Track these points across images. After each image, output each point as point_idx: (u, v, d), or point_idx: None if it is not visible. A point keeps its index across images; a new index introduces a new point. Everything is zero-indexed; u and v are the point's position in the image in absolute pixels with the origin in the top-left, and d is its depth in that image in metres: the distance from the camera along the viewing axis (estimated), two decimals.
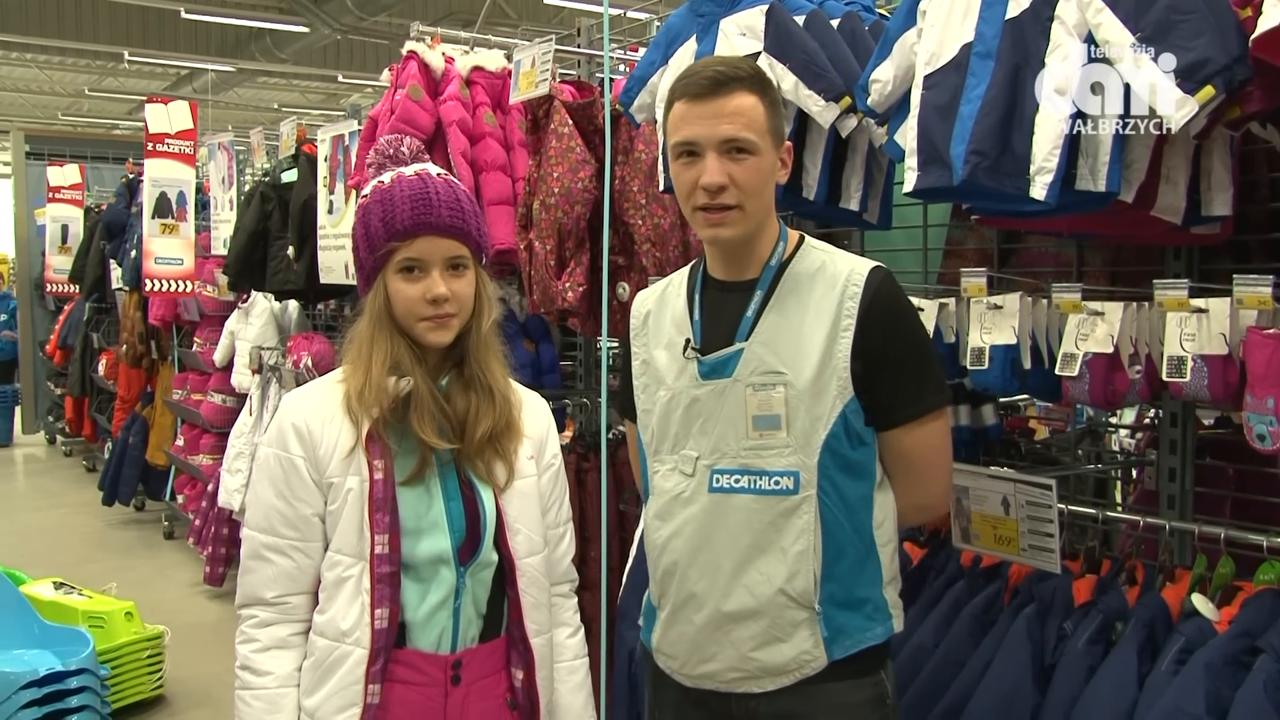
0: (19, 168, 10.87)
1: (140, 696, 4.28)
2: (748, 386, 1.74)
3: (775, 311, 1.76)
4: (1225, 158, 1.91)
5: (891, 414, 1.75)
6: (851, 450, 1.73)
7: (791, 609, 1.72)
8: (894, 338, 1.73)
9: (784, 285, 1.77)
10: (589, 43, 3.63)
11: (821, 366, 1.71)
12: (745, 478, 1.74)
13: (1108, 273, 2.43)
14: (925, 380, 1.76)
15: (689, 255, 3.20)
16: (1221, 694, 1.70)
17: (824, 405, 1.71)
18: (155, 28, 13.52)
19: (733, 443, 1.75)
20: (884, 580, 1.78)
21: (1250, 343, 1.79)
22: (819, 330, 1.73)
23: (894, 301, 1.76)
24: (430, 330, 1.70)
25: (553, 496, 1.89)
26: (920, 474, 1.80)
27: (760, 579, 1.73)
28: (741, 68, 1.72)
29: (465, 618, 1.73)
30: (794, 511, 1.72)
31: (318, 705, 1.67)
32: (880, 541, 1.78)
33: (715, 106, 1.69)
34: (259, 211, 4.95)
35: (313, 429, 1.70)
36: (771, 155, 1.73)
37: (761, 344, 1.75)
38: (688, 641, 1.80)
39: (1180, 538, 2.13)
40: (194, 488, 6.67)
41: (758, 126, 1.70)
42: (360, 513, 1.67)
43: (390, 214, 1.67)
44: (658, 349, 1.88)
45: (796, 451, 1.72)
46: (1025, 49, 1.83)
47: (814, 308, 1.74)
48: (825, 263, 1.78)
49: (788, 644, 1.73)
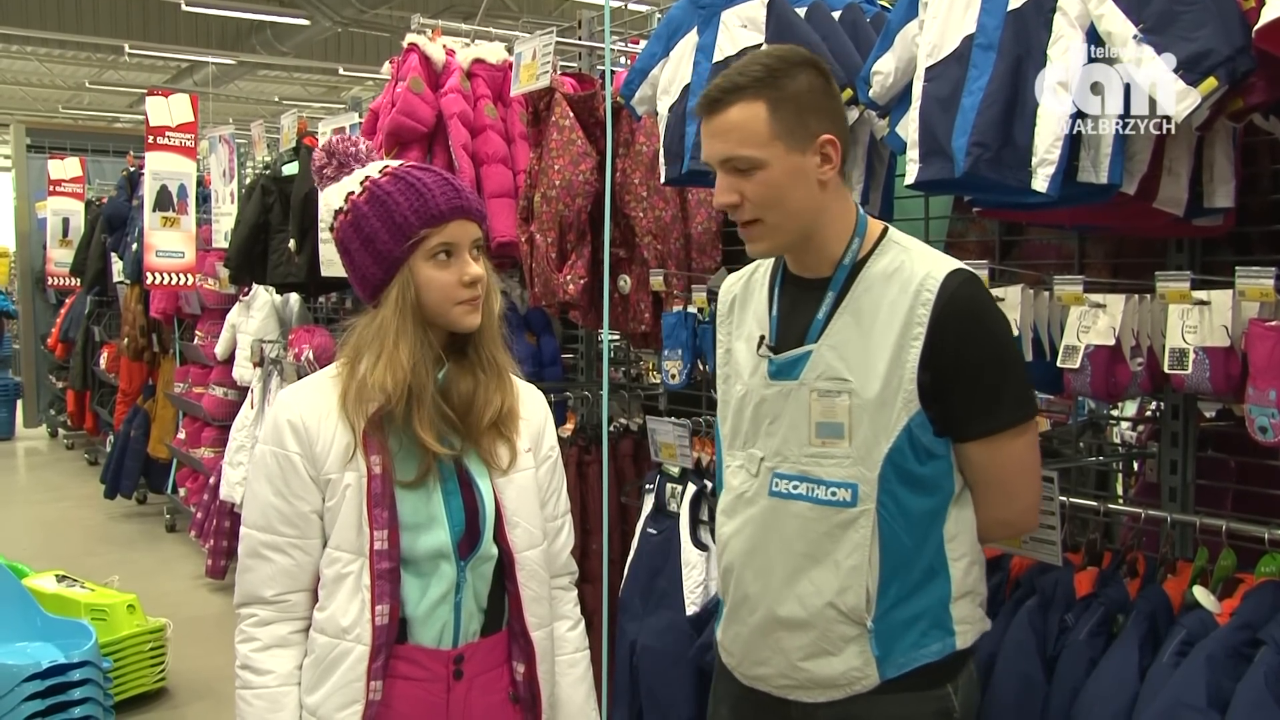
0: (20, 161, 10.87)
1: (143, 689, 4.29)
2: (813, 391, 1.69)
3: (847, 314, 1.68)
4: (1227, 150, 1.90)
5: (965, 428, 1.66)
6: (918, 464, 1.65)
7: (841, 624, 1.67)
8: (968, 347, 1.63)
9: (858, 286, 1.69)
10: (590, 35, 3.62)
11: (888, 377, 1.63)
12: (804, 485, 1.69)
13: (1109, 265, 2.43)
14: (1002, 393, 1.66)
15: (690, 248, 3.20)
16: (1222, 686, 1.70)
17: (888, 418, 1.63)
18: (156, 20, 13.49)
19: (795, 448, 1.70)
20: (953, 596, 1.70)
21: (1252, 335, 1.78)
22: (888, 337, 1.64)
23: (972, 308, 1.64)
24: (467, 314, 1.69)
25: (550, 488, 1.89)
26: (1000, 490, 1.70)
27: (811, 590, 1.68)
28: (744, 74, 1.63)
29: (466, 612, 1.72)
30: (850, 524, 1.65)
31: (319, 703, 1.66)
32: (952, 556, 1.69)
33: (713, 126, 1.66)
34: (260, 205, 4.95)
35: (309, 425, 1.69)
36: (787, 160, 1.63)
37: (830, 348, 1.68)
38: (743, 642, 1.78)
39: (1181, 530, 2.13)
40: (196, 481, 6.68)
41: (757, 138, 1.62)
42: (359, 509, 1.66)
43: (422, 201, 1.65)
44: (739, 340, 1.83)
45: (857, 463, 1.65)
46: (1027, 41, 1.83)
47: (886, 312, 1.65)
48: (903, 263, 1.68)
49: (837, 658, 1.68)
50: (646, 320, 3.19)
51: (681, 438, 2.85)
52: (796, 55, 1.68)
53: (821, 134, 1.65)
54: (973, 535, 1.73)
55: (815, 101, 1.65)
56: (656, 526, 2.88)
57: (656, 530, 2.87)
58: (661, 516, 2.88)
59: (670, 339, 2.92)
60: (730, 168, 1.65)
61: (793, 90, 1.63)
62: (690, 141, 2.44)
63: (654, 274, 3.09)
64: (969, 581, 1.72)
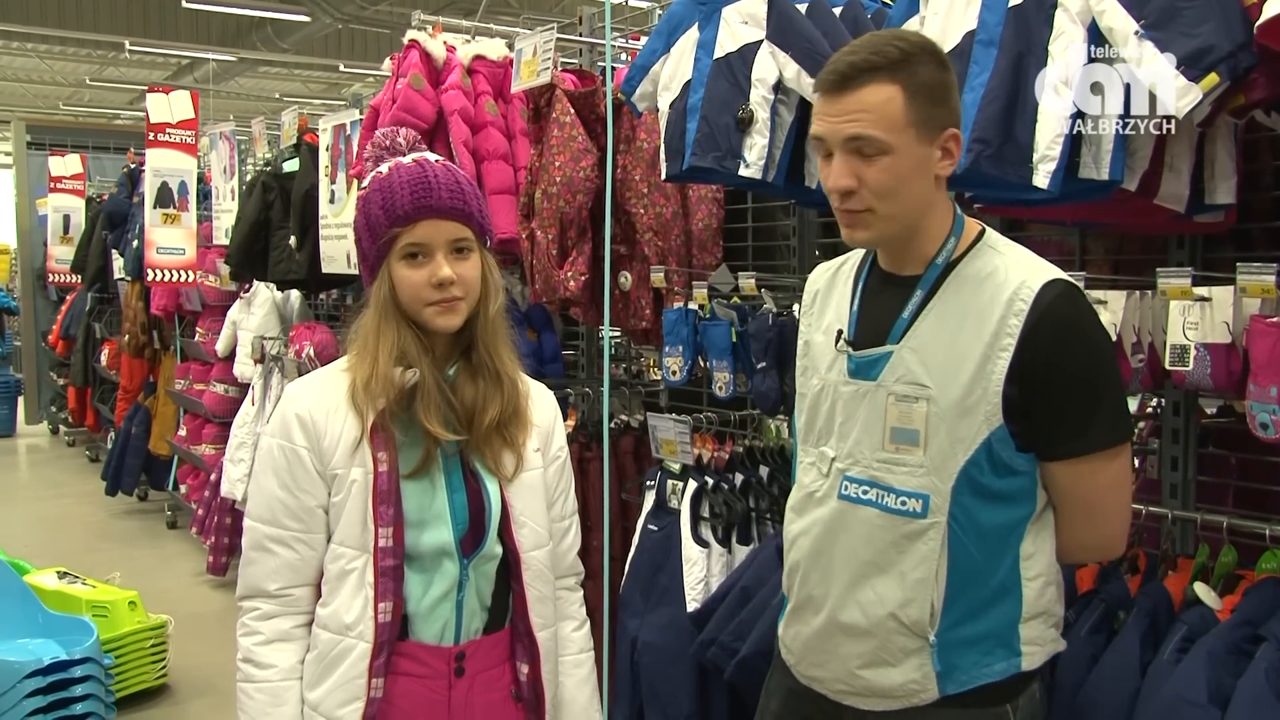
0: (20, 158, 10.87)
1: (144, 686, 4.30)
2: (890, 395, 1.62)
3: (933, 316, 1.61)
4: (1229, 146, 1.90)
5: (1052, 447, 1.58)
6: (996, 479, 1.58)
7: (902, 636, 1.61)
8: (1061, 362, 1.54)
9: (948, 287, 1.62)
10: (591, 31, 3.62)
11: (971, 386, 1.56)
12: (874, 491, 1.63)
13: (1111, 261, 2.43)
14: (1095, 413, 1.57)
15: (691, 244, 3.20)
16: (1223, 682, 1.70)
17: (968, 429, 1.56)
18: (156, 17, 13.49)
19: (867, 451, 1.64)
20: (1023, 616, 1.62)
21: (1253, 331, 1.78)
22: (976, 345, 1.56)
23: (1069, 321, 1.55)
24: (438, 315, 1.68)
25: (558, 489, 1.88)
26: (1085, 513, 1.62)
27: (874, 599, 1.63)
28: (880, 54, 1.54)
29: (469, 610, 1.72)
30: (919, 536, 1.59)
31: (321, 699, 1.66)
32: (1026, 575, 1.61)
33: (843, 103, 1.55)
34: (261, 201, 4.95)
35: (317, 419, 1.69)
36: (915, 150, 1.55)
37: (912, 350, 1.61)
38: (803, 642, 1.74)
39: (1183, 526, 2.13)
40: (197, 477, 6.68)
41: (891, 122, 1.53)
42: (364, 505, 1.66)
43: (390, 200, 1.66)
44: (818, 333, 1.77)
45: (930, 473, 1.58)
46: (1029, 37, 1.82)
47: (975, 318, 1.57)
48: (999, 267, 1.60)
49: (896, 670, 1.63)
50: (647, 317, 3.19)
51: (682, 434, 2.85)
52: (926, 43, 1.61)
53: (948, 127, 1.58)
54: (1051, 555, 1.65)
55: (944, 93, 1.58)
56: (657, 523, 2.88)
57: (657, 527, 2.87)
58: (662, 513, 2.88)
59: (671, 336, 2.92)
60: (854, 149, 1.55)
61: (925, 78, 1.55)
62: (691, 138, 2.44)
63: (655, 270, 3.09)
64: (1043, 602, 1.64)
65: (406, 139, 1.74)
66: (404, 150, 1.73)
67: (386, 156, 1.73)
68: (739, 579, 2.57)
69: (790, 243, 3.17)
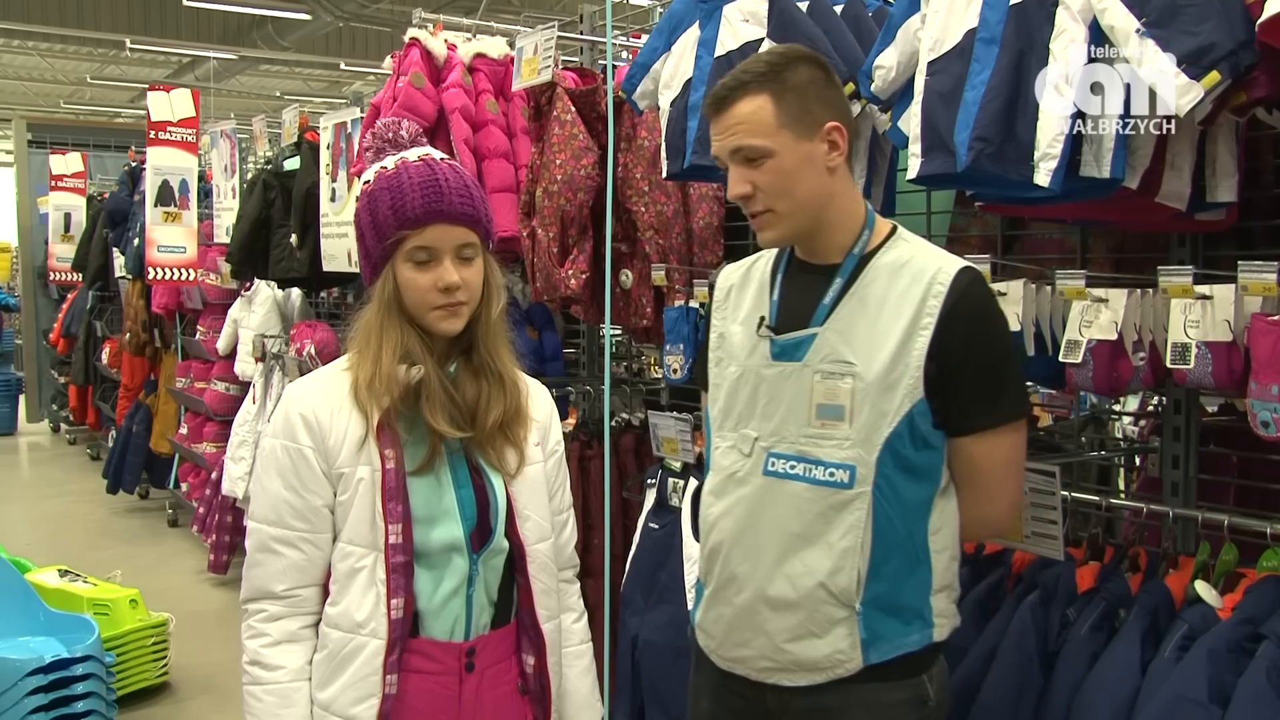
0: (21, 156, 10.88)
1: (145, 684, 4.30)
2: (816, 373, 1.71)
3: (855, 300, 1.72)
4: (1230, 144, 1.90)
5: (963, 421, 1.70)
6: (914, 452, 1.68)
7: (830, 605, 1.69)
8: (975, 343, 1.67)
9: (866, 275, 1.73)
10: (592, 29, 3.62)
11: (894, 362, 1.67)
12: (801, 465, 1.71)
13: (1112, 259, 2.42)
14: (1002, 390, 1.70)
15: (692, 242, 3.20)
16: (1224, 681, 1.70)
17: (891, 402, 1.66)
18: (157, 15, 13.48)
19: (793, 428, 1.72)
20: (933, 588, 1.73)
21: (1255, 329, 1.78)
22: (896, 325, 1.68)
23: (980, 305, 1.70)
24: (442, 319, 1.68)
25: (557, 483, 1.89)
26: (987, 486, 1.74)
27: (803, 570, 1.70)
28: (747, 71, 1.71)
29: (478, 605, 1.72)
30: (846, 506, 1.68)
31: (333, 698, 1.65)
32: (935, 548, 1.72)
33: (721, 122, 1.71)
34: (261, 199, 4.95)
35: (321, 419, 1.68)
36: (796, 148, 1.68)
37: (835, 331, 1.72)
38: (725, 623, 1.79)
39: (1183, 525, 2.13)
40: (198, 475, 6.69)
41: (764, 127, 1.68)
42: (372, 503, 1.66)
43: (400, 202, 1.64)
44: (735, 324, 1.86)
45: (856, 445, 1.67)
46: (1030, 35, 1.82)
47: (894, 302, 1.69)
48: (913, 257, 1.73)
49: (823, 640, 1.70)
50: (648, 315, 3.19)
51: (683, 432, 2.85)
52: (795, 51, 1.76)
53: (827, 121, 1.71)
54: (955, 530, 1.76)
55: (818, 91, 1.71)
56: (658, 521, 2.88)
57: (658, 525, 2.87)
58: (663, 511, 2.88)
59: (672, 334, 2.92)
60: (741, 159, 1.70)
61: (794, 81, 1.69)
62: (692, 136, 2.44)
63: (656, 269, 3.09)
64: (949, 575, 1.76)
65: (409, 131, 1.74)
66: (406, 143, 1.72)
67: (389, 150, 1.72)
68: None
69: None
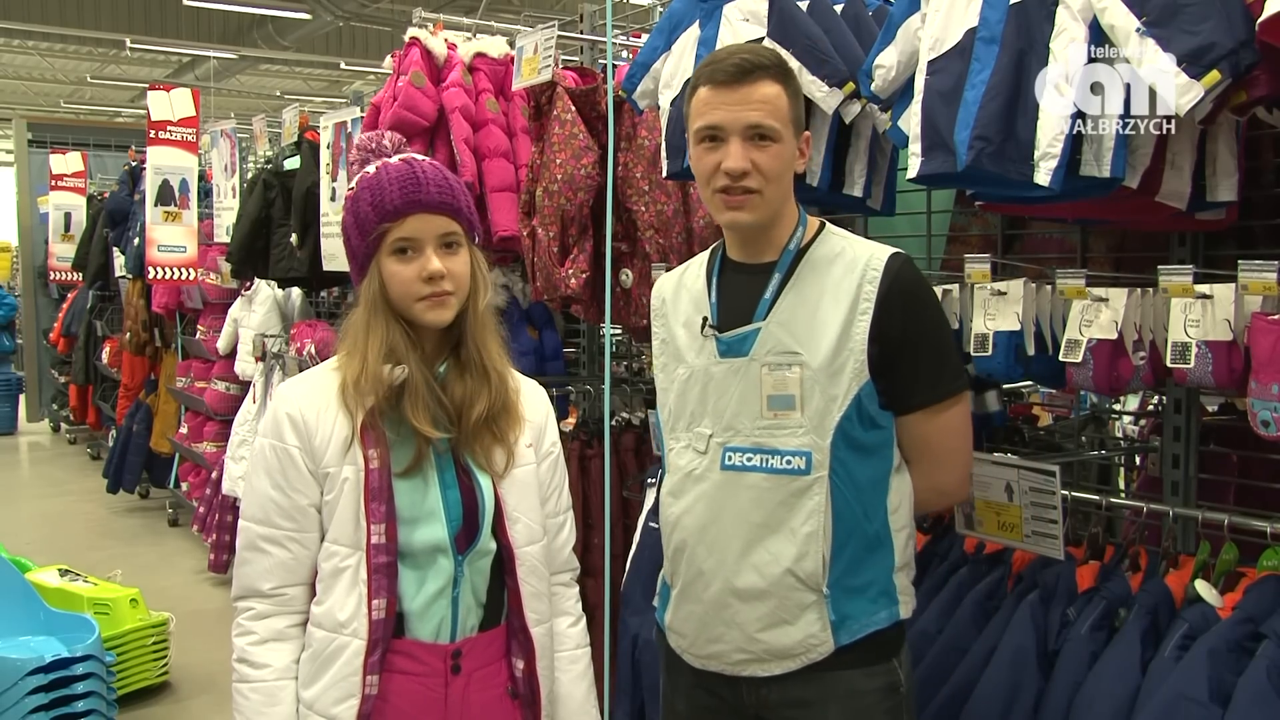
0: (21, 155, 10.89)
1: (146, 683, 4.31)
2: (764, 366, 1.76)
3: (793, 293, 1.78)
4: (1231, 143, 1.90)
5: (909, 399, 1.77)
6: (864, 432, 1.74)
7: (799, 591, 1.73)
8: (912, 323, 1.75)
9: (803, 268, 1.80)
10: (592, 29, 3.62)
11: (838, 348, 1.73)
12: (758, 456, 1.75)
13: (1112, 259, 2.43)
14: (943, 366, 1.78)
15: (692, 241, 3.20)
16: (1224, 680, 1.70)
17: (839, 387, 1.72)
18: (157, 15, 13.48)
19: (747, 421, 1.76)
20: (895, 565, 1.79)
21: (1255, 329, 1.78)
22: (837, 313, 1.74)
23: (913, 287, 1.77)
24: (428, 309, 1.69)
25: (552, 485, 1.89)
26: (938, 459, 1.81)
27: (769, 559, 1.74)
28: (765, 56, 1.76)
29: (464, 606, 1.72)
30: (805, 492, 1.72)
31: (316, 696, 1.66)
32: (894, 527, 1.78)
33: (741, 94, 1.73)
34: (262, 199, 4.95)
35: (308, 419, 1.69)
36: (791, 144, 1.77)
37: (778, 324, 1.77)
38: (696, 620, 1.81)
39: (1184, 524, 2.13)
40: (198, 475, 6.69)
41: (781, 115, 1.74)
42: (356, 503, 1.66)
43: (379, 197, 1.67)
44: (677, 327, 1.91)
45: (810, 432, 1.73)
46: (1030, 34, 1.82)
47: (832, 291, 1.76)
48: (845, 248, 1.80)
49: (794, 626, 1.74)
50: (648, 314, 3.18)
51: None
52: None
53: (805, 130, 1.83)
54: (911, 509, 1.82)
55: (800, 101, 1.82)
56: (659, 521, 2.87)
57: (659, 524, 2.86)
58: None
59: None
60: (753, 135, 1.73)
61: (795, 84, 1.79)
62: None
63: (656, 268, 3.09)
64: (907, 554, 1.82)
65: (392, 141, 1.76)
66: (389, 152, 1.75)
67: (372, 158, 1.74)
68: None
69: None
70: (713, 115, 1.75)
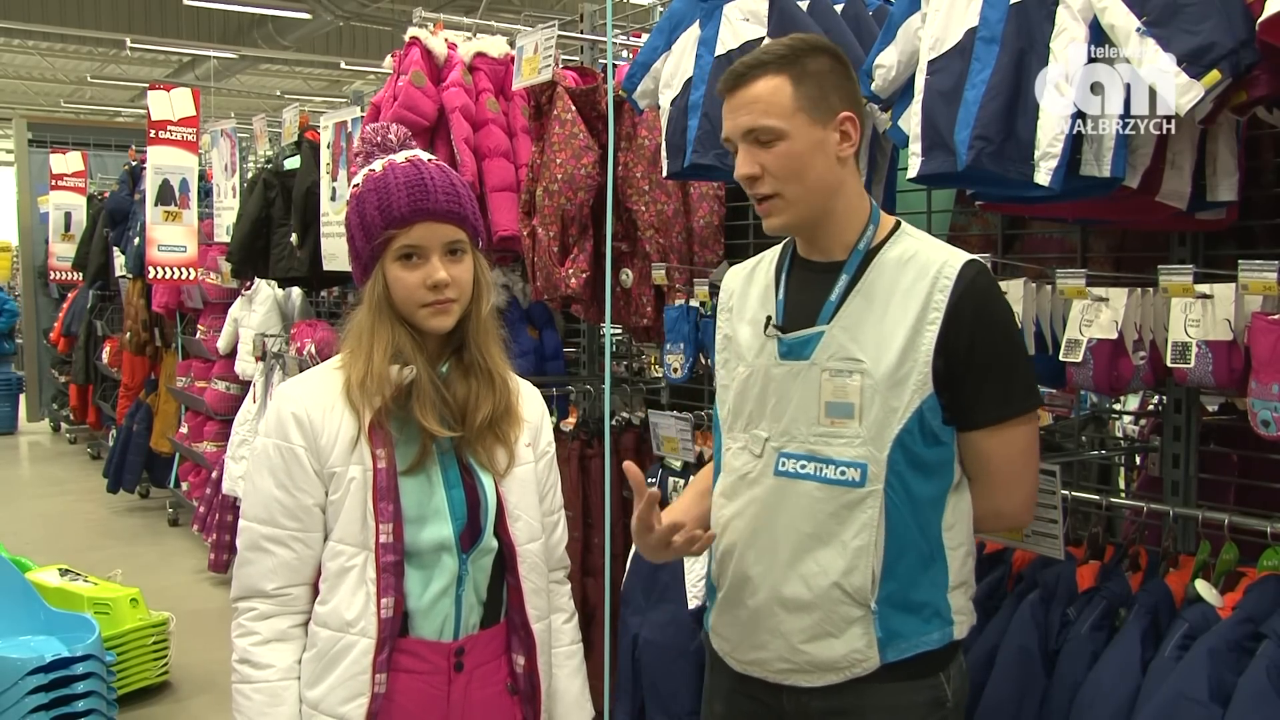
0: (22, 155, 10.89)
1: (146, 683, 4.30)
2: (824, 371, 1.69)
3: (861, 296, 1.70)
4: (1231, 143, 1.90)
5: (973, 415, 1.67)
6: (925, 448, 1.66)
7: (846, 605, 1.67)
8: (982, 336, 1.65)
9: (871, 271, 1.70)
10: (592, 29, 3.62)
11: (902, 358, 1.64)
12: (812, 464, 1.69)
13: (1112, 258, 2.42)
14: (1012, 383, 1.68)
15: (692, 241, 3.20)
16: (1224, 679, 1.70)
17: (900, 398, 1.64)
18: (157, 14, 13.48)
19: (803, 427, 1.70)
20: (949, 585, 1.70)
21: (1255, 328, 1.78)
22: (904, 321, 1.65)
23: (987, 298, 1.67)
24: (431, 316, 1.69)
25: (548, 483, 1.90)
26: (1001, 480, 1.71)
27: (817, 570, 1.68)
28: (768, 52, 1.68)
29: (467, 605, 1.73)
30: (858, 505, 1.65)
31: (322, 696, 1.66)
32: (950, 545, 1.70)
33: (736, 99, 1.68)
34: (262, 198, 4.95)
35: (313, 418, 1.69)
36: (809, 133, 1.65)
37: (843, 329, 1.69)
38: (740, 625, 1.77)
39: (1184, 524, 2.13)
40: (198, 475, 6.69)
41: (780, 109, 1.64)
42: (363, 502, 1.66)
43: (387, 202, 1.66)
44: (741, 324, 1.83)
45: (867, 443, 1.65)
46: (1030, 34, 1.82)
47: (901, 297, 1.67)
48: (918, 251, 1.70)
49: (839, 640, 1.67)
50: (649, 314, 3.19)
51: (684, 431, 2.85)
52: (815, 40, 1.73)
53: (842, 111, 1.68)
54: (969, 526, 1.74)
55: (836, 81, 1.68)
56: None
57: None
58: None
59: (672, 333, 2.92)
60: (752, 140, 1.67)
61: (814, 68, 1.66)
62: (692, 135, 2.44)
63: (656, 268, 3.09)
64: (965, 572, 1.74)
65: (397, 135, 1.75)
66: (394, 147, 1.74)
67: (377, 153, 1.73)
68: None
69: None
70: (724, 126, 1.72)
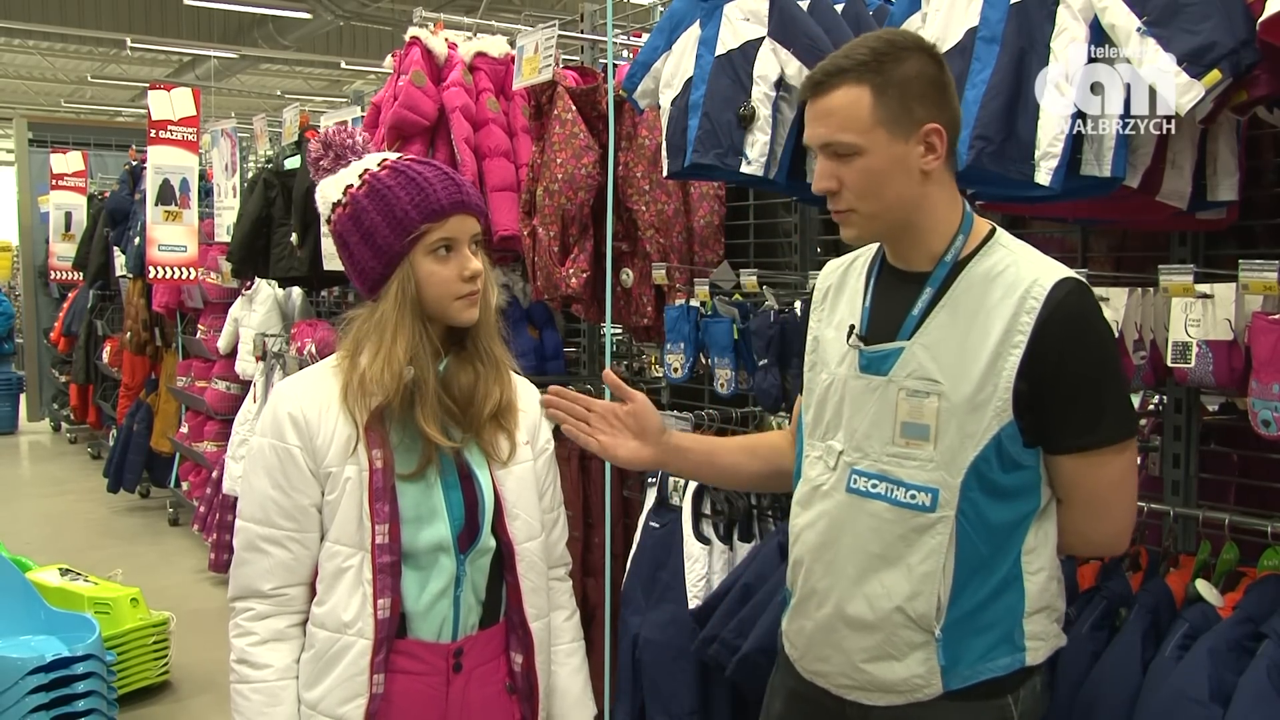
0: (22, 155, 10.89)
1: (146, 682, 4.30)
2: (901, 390, 1.61)
3: (945, 313, 1.60)
4: (1231, 142, 1.90)
5: (1059, 441, 1.58)
6: (1003, 474, 1.57)
7: (908, 629, 1.60)
8: (1071, 359, 1.53)
9: (959, 285, 1.60)
10: (592, 28, 3.62)
11: (983, 382, 1.55)
12: (883, 484, 1.62)
13: (1113, 258, 2.43)
14: (1102, 410, 1.56)
15: (693, 241, 3.20)
16: (1225, 679, 1.70)
17: (978, 424, 1.55)
18: (158, 14, 13.48)
19: (877, 445, 1.63)
20: (1025, 610, 1.61)
21: (1255, 328, 1.78)
22: (987, 342, 1.55)
23: (1079, 318, 1.55)
24: (465, 308, 1.69)
25: (547, 480, 1.89)
26: (1088, 508, 1.62)
27: (881, 592, 1.62)
28: (850, 57, 1.56)
29: (465, 605, 1.73)
30: (928, 529, 1.58)
31: (320, 697, 1.66)
32: (1029, 569, 1.61)
33: (815, 109, 1.59)
34: (262, 198, 4.95)
35: (309, 418, 1.68)
36: (890, 149, 1.55)
37: (923, 346, 1.60)
38: (806, 636, 1.73)
39: (1184, 524, 2.13)
40: (198, 474, 6.69)
41: (857, 123, 1.54)
42: (359, 503, 1.66)
43: (423, 196, 1.65)
44: (829, 328, 1.75)
45: (940, 468, 1.57)
46: (1030, 34, 1.82)
47: (986, 315, 1.56)
48: (1010, 265, 1.59)
49: (900, 664, 1.62)
50: (649, 314, 3.19)
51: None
52: (908, 39, 1.61)
53: (927, 123, 1.56)
54: (1053, 550, 1.65)
55: (922, 89, 1.56)
56: (659, 520, 2.88)
57: (659, 524, 2.87)
58: (664, 510, 2.88)
59: (673, 333, 2.92)
60: (830, 153, 1.59)
61: (899, 76, 1.55)
62: (693, 135, 2.44)
63: (656, 268, 3.09)
64: (1046, 597, 1.64)
65: (362, 138, 1.76)
66: (361, 150, 1.74)
67: (349, 155, 1.74)
68: (740, 576, 2.57)
69: (792, 240, 3.17)
70: (806, 133, 1.64)
